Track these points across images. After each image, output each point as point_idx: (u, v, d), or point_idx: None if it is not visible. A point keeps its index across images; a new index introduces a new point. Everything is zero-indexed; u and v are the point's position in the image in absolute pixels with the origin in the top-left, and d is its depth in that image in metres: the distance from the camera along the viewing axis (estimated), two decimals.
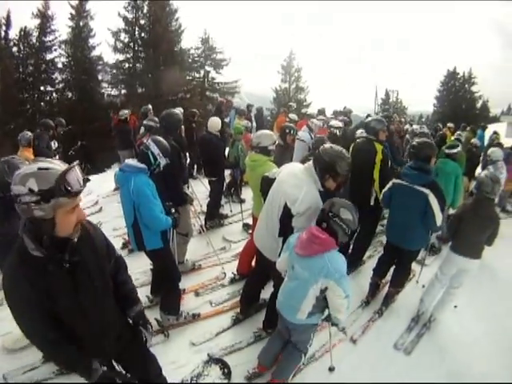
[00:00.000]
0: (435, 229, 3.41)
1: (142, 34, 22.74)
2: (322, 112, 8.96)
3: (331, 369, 2.95)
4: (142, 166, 2.83)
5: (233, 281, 4.04)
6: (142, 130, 5.68)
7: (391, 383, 2.83)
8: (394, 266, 3.81)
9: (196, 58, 25.99)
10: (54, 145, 6.71)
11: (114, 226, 5.34)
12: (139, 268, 4.22)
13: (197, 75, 25.99)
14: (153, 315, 3.40)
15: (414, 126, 7.86)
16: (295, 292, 2.33)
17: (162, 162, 2.93)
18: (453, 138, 6.36)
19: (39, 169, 1.34)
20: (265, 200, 2.87)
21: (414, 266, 3.97)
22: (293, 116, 7.84)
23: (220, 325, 3.37)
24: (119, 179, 2.90)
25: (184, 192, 3.99)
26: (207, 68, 26.06)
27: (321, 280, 2.18)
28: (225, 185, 5.79)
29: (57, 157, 6.44)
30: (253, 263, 3.71)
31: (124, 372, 2.06)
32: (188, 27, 24.33)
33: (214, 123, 5.22)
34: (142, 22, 22.55)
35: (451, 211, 4.69)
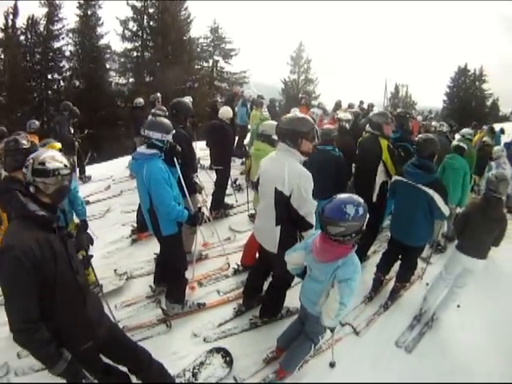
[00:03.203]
0: (442, 218, 3.38)
1: (151, 23, 22.65)
2: (338, 104, 8.87)
3: (332, 364, 2.94)
4: (153, 151, 2.84)
5: (236, 272, 4.03)
6: (150, 118, 5.66)
7: (390, 383, 2.82)
8: (399, 262, 3.78)
9: (205, 48, 25.96)
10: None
11: (123, 211, 5.49)
12: (143, 257, 4.28)
13: (205, 64, 25.96)
14: (155, 305, 3.49)
15: (433, 123, 7.70)
16: (314, 291, 2.35)
17: (168, 138, 2.93)
18: (457, 135, 6.27)
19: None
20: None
21: (420, 263, 3.94)
22: (316, 110, 7.44)
23: (222, 316, 3.38)
24: (133, 168, 2.98)
25: (194, 181, 4.00)
26: (216, 57, 26.02)
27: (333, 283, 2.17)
28: (231, 174, 5.76)
29: (76, 143, 6.46)
30: (257, 255, 3.68)
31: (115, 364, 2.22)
32: (197, 16, 24.19)
33: (226, 111, 5.30)
34: (151, 10, 22.42)
35: (458, 210, 4.65)
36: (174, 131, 3.02)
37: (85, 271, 2.15)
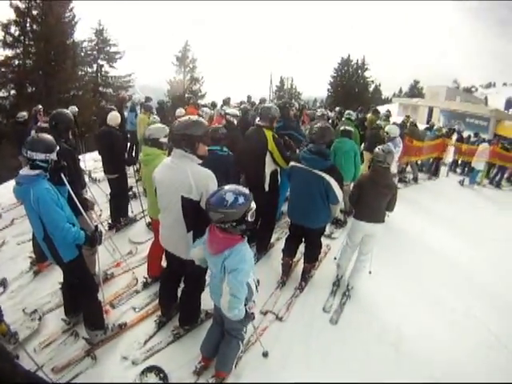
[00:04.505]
0: (336, 202, 3.55)
1: (34, 26, 19.98)
2: (226, 102, 8.98)
3: (265, 354, 2.97)
4: (37, 171, 2.59)
5: (146, 285, 3.87)
6: (33, 133, 5.09)
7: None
8: (304, 244, 3.94)
9: (89, 52, 24.13)
10: None
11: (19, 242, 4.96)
12: (48, 290, 3.91)
13: (89, 70, 24.15)
14: (74, 339, 3.21)
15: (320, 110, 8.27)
16: (215, 283, 2.37)
17: (52, 157, 2.70)
18: (343, 118, 6.84)
19: None
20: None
21: (324, 240, 4.16)
22: (206, 110, 7.66)
23: (146, 332, 3.24)
24: (18, 194, 2.66)
25: (84, 197, 3.67)
26: (100, 62, 24.43)
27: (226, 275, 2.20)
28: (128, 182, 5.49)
29: None
30: (162, 263, 3.62)
31: None
32: (82, 18, 22.16)
33: (114, 117, 5.10)
34: (35, 12, 19.79)
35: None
36: (58, 148, 2.77)
37: None
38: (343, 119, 6.74)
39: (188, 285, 3.06)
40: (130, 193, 5.89)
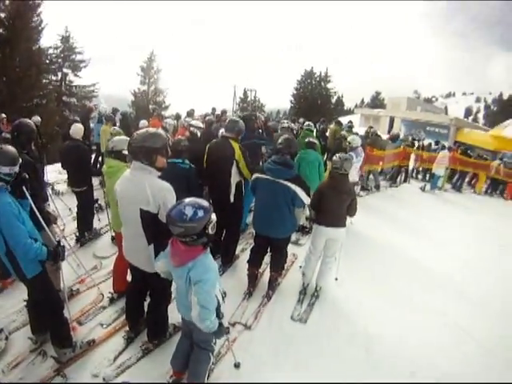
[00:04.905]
0: (301, 205, 3.64)
1: (1, 30, 18.94)
2: (190, 114, 9.00)
3: (236, 365, 2.97)
4: None
5: (112, 300, 3.79)
6: None
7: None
8: (269, 253, 3.99)
9: (54, 59, 23.39)
10: None
11: None
12: (12, 308, 3.76)
13: (53, 78, 23.36)
14: (42, 358, 3.10)
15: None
16: (182, 295, 2.39)
17: (16, 169, 2.64)
18: (305, 129, 7.01)
19: None
20: None
21: (291, 248, 4.22)
22: (169, 121, 7.60)
23: (115, 348, 3.18)
24: None
25: (46, 211, 3.59)
26: (65, 70, 23.75)
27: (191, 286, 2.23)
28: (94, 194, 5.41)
29: None
30: (128, 278, 3.58)
31: None
32: (49, 23, 21.19)
33: (78, 129, 5.07)
34: (2, 15, 18.82)
35: None
36: (20, 160, 2.70)
37: None
38: (304, 130, 6.92)
39: (154, 298, 3.05)
40: (96, 205, 5.78)
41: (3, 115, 6.92)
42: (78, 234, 5.10)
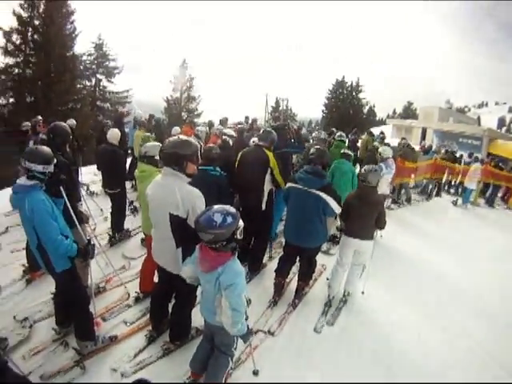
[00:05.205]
0: (332, 214, 3.62)
1: (35, 36, 20.13)
2: (224, 122, 9.06)
3: (255, 372, 2.95)
4: (33, 182, 2.66)
5: (138, 300, 3.86)
6: (31, 144, 5.14)
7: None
8: (298, 263, 3.97)
9: (88, 65, 24.45)
10: None
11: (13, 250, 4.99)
12: (40, 298, 3.90)
13: (88, 83, 24.38)
14: (63, 348, 3.20)
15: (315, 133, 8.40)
16: (208, 299, 2.39)
17: (50, 169, 2.76)
18: (337, 139, 6.89)
19: None
20: None
21: (320, 258, 4.17)
22: (201, 128, 7.65)
23: (136, 345, 3.23)
24: (14, 202, 2.73)
25: (79, 210, 3.73)
26: (99, 76, 24.76)
27: (221, 291, 2.25)
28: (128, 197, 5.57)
29: None
30: (155, 279, 3.63)
31: None
32: (83, 31, 22.26)
33: (115, 134, 5.19)
34: (37, 22, 19.97)
35: None
36: (55, 160, 2.83)
37: None
38: (336, 141, 6.85)
39: (179, 300, 3.09)
40: (131, 207, 5.95)
41: (39, 117, 7.14)
42: (110, 234, 5.23)
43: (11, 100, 20.33)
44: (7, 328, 3.40)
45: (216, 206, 2.25)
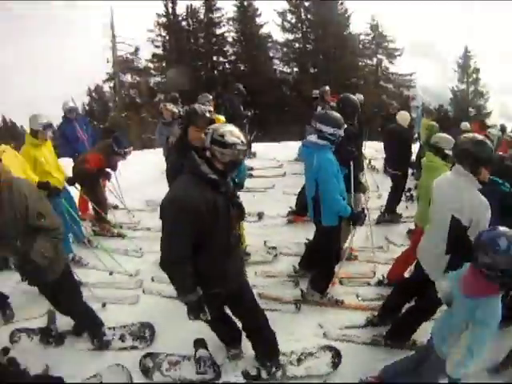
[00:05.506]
0: None
1: (308, 16, 22.96)
2: None
3: None
4: (324, 142, 2.92)
5: (380, 283, 3.82)
6: (319, 109, 5.77)
7: None
8: None
9: (367, 45, 24.81)
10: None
11: (285, 192, 5.93)
12: (294, 239, 4.49)
13: (369, 62, 24.88)
14: (293, 285, 3.68)
15: None
16: (448, 324, 2.17)
17: (340, 133, 2.95)
18: None
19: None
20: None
21: None
22: (493, 131, 6.76)
23: (353, 320, 3.30)
24: (304, 155, 3.12)
25: (359, 180, 3.99)
26: (379, 56, 24.66)
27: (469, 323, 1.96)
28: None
29: (245, 121, 7.01)
30: (405, 274, 3.52)
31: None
32: (356, 11, 23.20)
33: (405, 116, 5.25)
34: (306, 4, 22.68)
35: None
36: (345, 126, 3.03)
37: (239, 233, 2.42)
38: None
39: (418, 303, 2.93)
40: (408, 194, 5.89)
41: (327, 88, 7.49)
42: (381, 211, 5.31)
43: (295, 70, 23.90)
44: (254, 247, 4.21)
45: (503, 228, 1.87)
